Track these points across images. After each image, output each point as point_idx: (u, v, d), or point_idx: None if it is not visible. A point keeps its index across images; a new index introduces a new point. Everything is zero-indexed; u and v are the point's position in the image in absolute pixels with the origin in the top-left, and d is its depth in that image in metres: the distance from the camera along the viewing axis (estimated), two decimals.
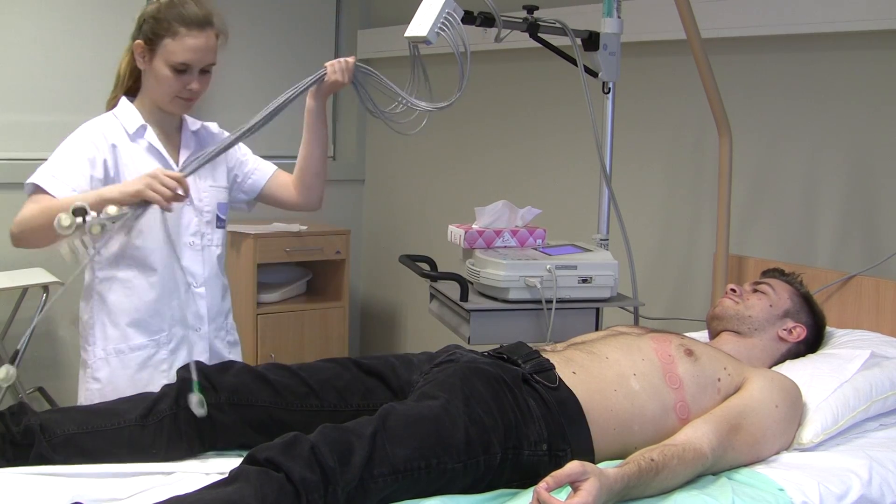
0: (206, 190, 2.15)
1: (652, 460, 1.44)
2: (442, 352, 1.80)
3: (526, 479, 1.50)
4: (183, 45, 1.99)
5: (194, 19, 2.00)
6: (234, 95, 3.63)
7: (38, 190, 1.95)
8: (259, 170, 2.26)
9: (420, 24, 1.93)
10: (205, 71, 2.05)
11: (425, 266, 2.32)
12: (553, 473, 1.32)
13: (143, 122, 2.07)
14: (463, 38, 1.92)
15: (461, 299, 2.16)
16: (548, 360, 1.69)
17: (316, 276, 4.05)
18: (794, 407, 1.69)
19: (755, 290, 2.02)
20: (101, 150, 2.01)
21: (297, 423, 1.57)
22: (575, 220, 2.96)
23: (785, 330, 1.96)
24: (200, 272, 2.13)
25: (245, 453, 1.41)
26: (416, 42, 1.96)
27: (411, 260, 2.32)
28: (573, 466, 1.33)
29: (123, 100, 2.12)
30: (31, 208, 1.92)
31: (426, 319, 2.29)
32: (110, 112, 2.11)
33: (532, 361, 1.68)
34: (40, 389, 3.51)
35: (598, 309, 2.23)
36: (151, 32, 2.01)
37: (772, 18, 2.40)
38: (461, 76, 1.89)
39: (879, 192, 2.27)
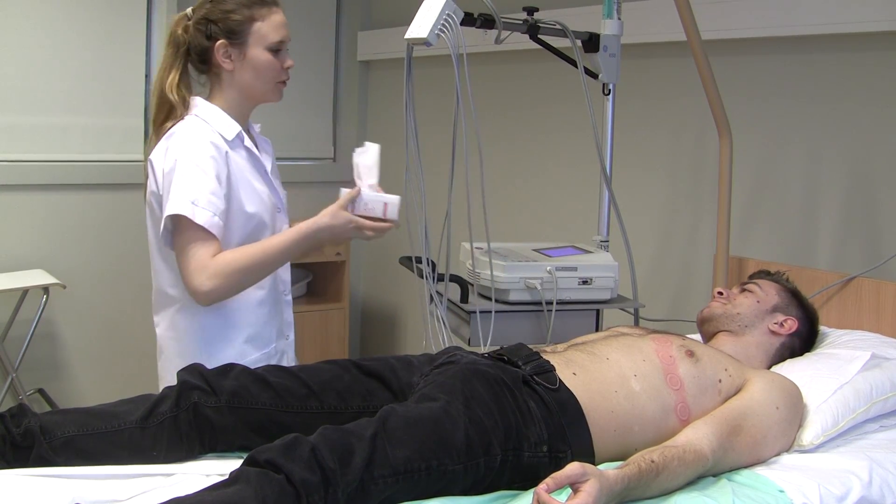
0: (284, 197, 2.15)
1: (652, 462, 1.44)
2: (442, 353, 1.80)
3: (526, 480, 1.50)
4: (273, 24, 1.98)
5: None
6: None
7: (181, 220, 1.89)
8: None
9: (420, 26, 1.93)
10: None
11: None
12: (553, 475, 1.32)
13: (239, 127, 2.01)
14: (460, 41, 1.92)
15: (461, 301, 2.16)
16: (548, 362, 1.69)
17: (316, 278, 4.05)
18: (794, 408, 1.69)
19: (742, 291, 2.03)
20: (221, 162, 1.95)
21: (297, 425, 1.57)
22: (575, 222, 2.96)
23: (776, 324, 1.97)
24: (288, 279, 2.14)
25: (245, 455, 1.41)
26: (416, 44, 1.96)
27: (411, 261, 2.32)
28: (573, 468, 1.33)
29: (203, 102, 2.01)
30: (219, 268, 1.87)
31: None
32: (193, 116, 1.99)
33: (532, 363, 1.68)
34: (41, 391, 3.52)
35: (598, 310, 2.23)
36: (235, 25, 1.96)
37: (772, 20, 2.40)
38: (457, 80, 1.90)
39: (880, 193, 2.27)
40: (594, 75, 2.32)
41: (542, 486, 1.30)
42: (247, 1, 1.97)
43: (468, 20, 2.02)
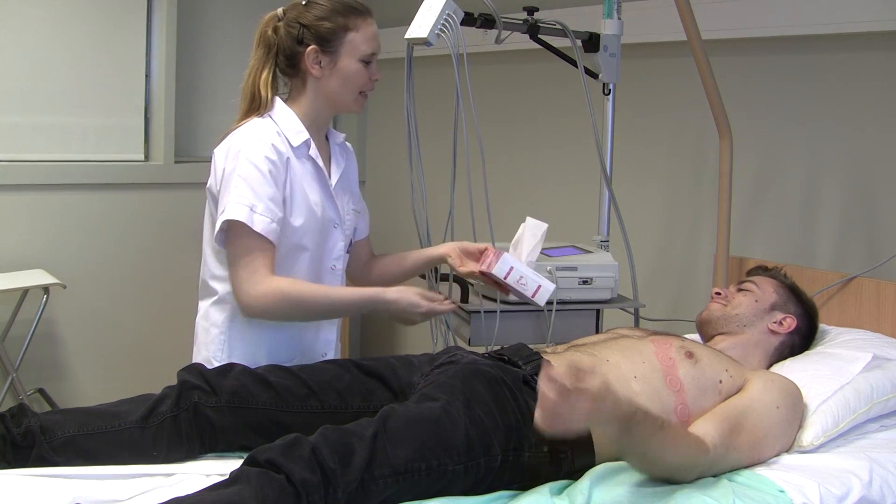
0: (349, 213, 2.07)
1: (658, 416, 1.42)
2: (442, 353, 1.81)
3: (527, 480, 1.50)
4: (367, 34, 1.93)
5: (364, 8, 1.95)
6: (234, 97, 3.62)
7: (238, 225, 1.84)
8: (362, 225, 2.18)
9: (420, 26, 1.94)
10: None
11: None
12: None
13: (307, 135, 1.95)
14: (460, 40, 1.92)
15: (462, 301, 2.16)
16: (548, 362, 1.69)
17: None
18: (794, 408, 1.69)
19: (739, 290, 2.03)
20: (281, 168, 1.89)
21: (297, 425, 1.57)
22: (575, 222, 2.96)
23: (775, 322, 1.96)
24: None
25: (245, 455, 1.41)
26: (416, 43, 1.97)
27: None
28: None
29: (281, 104, 1.98)
30: (275, 288, 1.83)
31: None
32: (268, 116, 1.95)
33: (533, 363, 1.68)
34: (41, 391, 3.51)
35: (598, 310, 2.23)
36: (327, 33, 1.91)
37: (773, 20, 2.40)
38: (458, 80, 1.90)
39: (880, 193, 2.27)
40: (594, 75, 2.32)
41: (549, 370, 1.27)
42: (341, 8, 1.92)
43: (468, 20, 2.02)
